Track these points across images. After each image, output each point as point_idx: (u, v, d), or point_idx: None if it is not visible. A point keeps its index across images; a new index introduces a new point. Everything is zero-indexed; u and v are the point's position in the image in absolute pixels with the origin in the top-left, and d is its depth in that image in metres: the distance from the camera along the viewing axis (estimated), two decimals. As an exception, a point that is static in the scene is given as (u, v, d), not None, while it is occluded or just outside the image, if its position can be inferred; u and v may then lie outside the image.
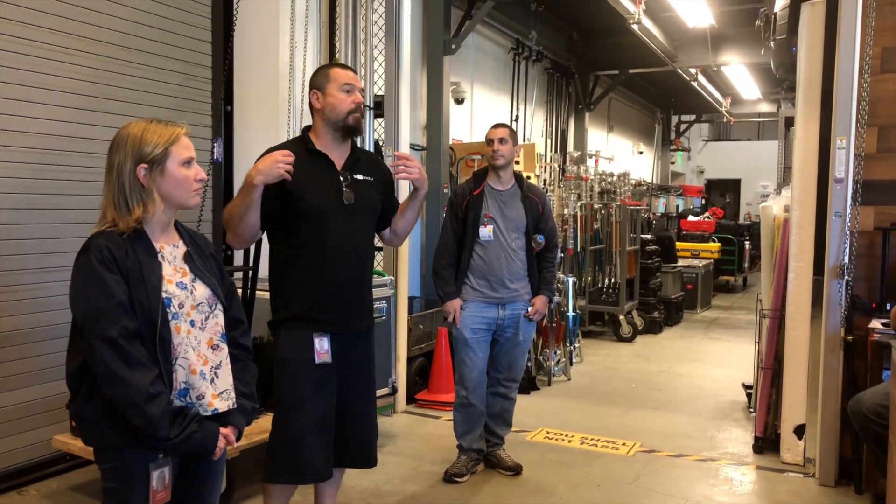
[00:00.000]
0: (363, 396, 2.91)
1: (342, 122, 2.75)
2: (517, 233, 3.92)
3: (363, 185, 2.86)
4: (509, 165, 3.96)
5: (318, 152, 2.78)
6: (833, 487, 3.86)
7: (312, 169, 2.74)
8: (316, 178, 2.73)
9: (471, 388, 3.92)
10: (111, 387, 1.78)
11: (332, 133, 2.79)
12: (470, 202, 3.91)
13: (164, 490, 1.91)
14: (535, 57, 9.05)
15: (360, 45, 5.26)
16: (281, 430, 2.74)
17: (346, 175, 2.81)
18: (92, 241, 1.87)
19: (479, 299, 3.90)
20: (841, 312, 3.85)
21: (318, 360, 2.71)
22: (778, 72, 8.31)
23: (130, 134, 1.92)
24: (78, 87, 3.92)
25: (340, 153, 2.83)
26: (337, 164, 2.81)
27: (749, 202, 19.11)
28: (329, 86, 2.76)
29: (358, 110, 2.77)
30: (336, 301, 2.76)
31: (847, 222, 3.84)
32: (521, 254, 3.93)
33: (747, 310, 10.51)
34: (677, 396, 5.80)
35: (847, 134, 3.82)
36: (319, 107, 2.78)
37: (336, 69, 2.81)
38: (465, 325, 3.90)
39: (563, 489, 3.83)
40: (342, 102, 2.74)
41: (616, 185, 8.89)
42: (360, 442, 2.89)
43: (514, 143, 3.95)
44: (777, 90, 13.35)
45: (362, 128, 2.84)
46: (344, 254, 2.77)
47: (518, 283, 3.92)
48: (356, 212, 2.81)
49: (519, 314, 3.94)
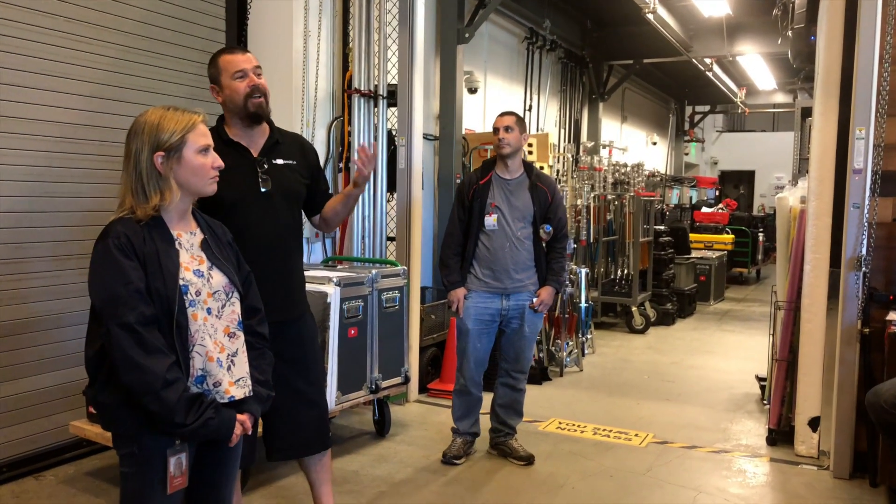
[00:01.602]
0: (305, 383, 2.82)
1: (244, 111, 2.68)
2: (523, 222, 3.89)
3: (283, 170, 2.78)
4: (516, 154, 3.93)
5: (232, 142, 2.72)
6: (847, 480, 3.84)
7: (226, 160, 2.52)
8: (232, 170, 2.54)
9: (468, 376, 3.96)
10: (128, 373, 1.79)
11: (241, 122, 2.72)
12: (476, 191, 3.90)
13: (181, 476, 1.93)
14: (548, 46, 9.00)
15: (373, 34, 5.25)
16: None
17: (263, 161, 2.73)
18: (110, 227, 1.88)
19: (483, 289, 3.89)
20: (858, 304, 3.82)
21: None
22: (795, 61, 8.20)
23: (147, 121, 1.93)
24: (94, 75, 3.93)
25: (255, 140, 2.76)
26: (253, 152, 2.74)
27: (763, 194, 18.96)
28: (222, 77, 2.69)
29: (256, 92, 2.67)
30: (277, 291, 2.68)
31: (865, 213, 3.80)
32: (528, 243, 3.91)
33: (761, 302, 10.46)
34: (690, 388, 5.78)
35: (866, 124, 3.77)
36: (220, 100, 2.72)
37: (224, 57, 2.72)
38: (468, 316, 3.91)
39: (575, 479, 3.83)
40: (236, 91, 2.66)
41: (629, 176, 8.85)
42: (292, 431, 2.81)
43: (521, 132, 3.91)
44: (794, 80, 13.21)
45: (266, 111, 2.74)
46: (265, 243, 2.70)
47: (523, 273, 3.91)
48: (275, 198, 2.74)
49: (524, 305, 3.93)
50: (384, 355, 4.25)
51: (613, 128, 12.52)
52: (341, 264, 4.99)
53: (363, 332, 4.10)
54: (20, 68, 3.59)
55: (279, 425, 2.81)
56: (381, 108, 5.31)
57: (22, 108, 3.62)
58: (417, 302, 5.14)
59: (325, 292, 3.84)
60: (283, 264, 2.80)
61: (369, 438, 4.40)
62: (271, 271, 2.71)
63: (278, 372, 2.61)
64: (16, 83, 3.58)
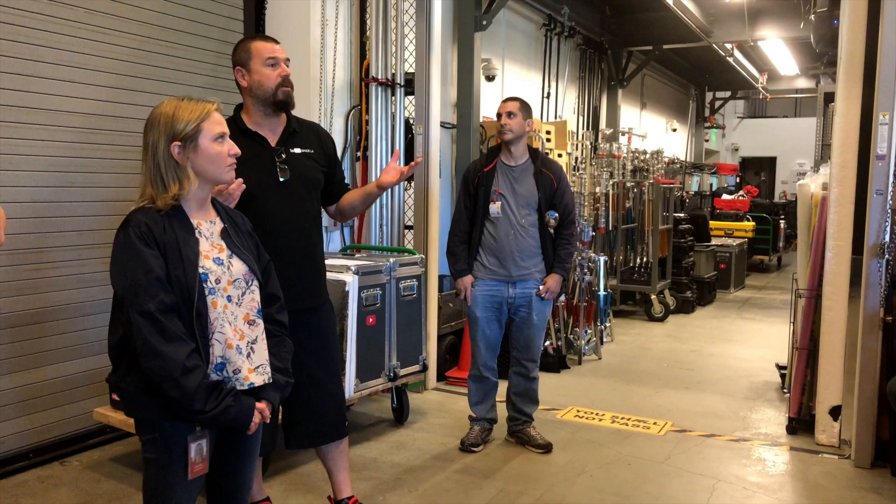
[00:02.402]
0: (322, 370, 2.85)
1: (272, 98, 2.69)
2: (528, 209, 3.87)
3: (301, 159, 2.78)
4: (520, 140, 3.90)
5: (250, 131, 2.72)
6: (868, 469, 3.81)
7: (244, 150, 2.57)
8: (250, 160, 2.60)
9: (481, 362, 4.00)
10: (149, 360, 1.82)
11: (263, 109, 2.72)
12: (481, 178, 3.89)
13: (202, 462, 1.96)
14: (567, 33, 8.92)
15: (390, 23, 5.24)
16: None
17: (280, 150, 2.74)
18: (131, 216, 1.91)
19: (490, 277, 3.90)
20: (880, 292, 3.77)
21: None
22: (818, 46, 8.08)
23: (163, 113, 1.95)
24: (113, 66, 3.97)
25: (273, 128, 2.76)
26: (270, 141, 2.75)
27: (784, 180, 18.73)
28: (252, 62, 2.69)
29: (286, 83, 2.70)
30: (292, 279, 2.68)
31: (889, 200, 3.74)
32: (532, 231, 3.89)
33: (781, 289, 10.36)
34: (709, 376, 5.75)
35: (890, 109, 3.72)
36: (246, 84, 2.72)
37: (257, 43, 2.73)
38: (475, 304, 3.92)
39: (593, 467, 3.84)
40: (268, 78, 2.68)
41: (649, 163, 8.78)
42: (320, 419, 2.85)
43: (525, 117, 3.88)
44: (816, 65, 13.00)
45: (293, 100, 2.76)
46: (285, 233, 2.72)
47: (529, 261, 3.89)
48: (294, 187, 2.75)
49: (531, 293, 3.92)
50: (402, 343, 4.27)
51: (633, 114, 12.41)
52: (359, 253, 5.01)
53: (381, 320, 4.12)
54: (40, 59, 3.63)
55: (298, 414, 2.84)
56: (399, 97, 5.31)
57: (41, 99, 3.66)
58: (435, 290, 5.16)
59: (344, 281, 3.86)
60: (304, 253, 2.82)
61: (387, 426, 4.43)
62: (293, 260, 2.74)
63: (299, 360, 2.65)
64: (35, 74, 3.62)
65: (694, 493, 3.55)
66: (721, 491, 3.57)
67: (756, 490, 3.59)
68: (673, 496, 3.51)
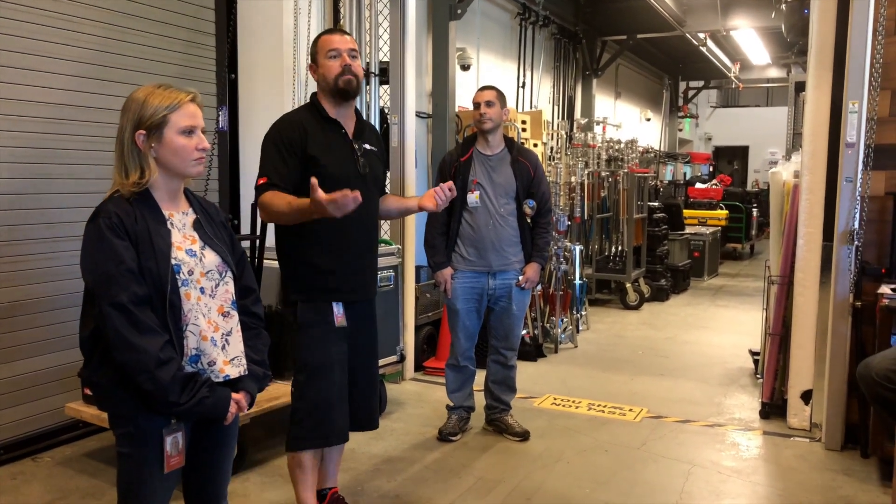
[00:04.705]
0: (372, 362, 3.00)
1: (334, 87, 2.76)
2: (506, 198, 3.87)
3: (371, 155, 2.87)
4: (497, 129, 3.90)
5: (333, 120, 2.79)
6: (839, 452, 3.89)
7: (330, 137, 2.76)
8: (335, 147, 2.75)
9: (460, 352, 4.01)
10: (122, 352, 1.79)
11: (333, 100, 2.80)
12: (458, 168, 3.87)
13: (178, 455, 1.93)
14: (541, 22, 8.92)
15: (364, 11, 5.20)
16: (308, 396, 2.77)
17: (359, 144, 2.82)
18: (101, 207, 1.88)
19: (469, 269, 3.89)
20: (850, 278, 3.84)
21: (336, 323, 2.77)
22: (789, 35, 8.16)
23: (135, 98, 1.92)
24: (81, 55, 3.89)
25: (346, 121, 2.83)
26: (348, 132, 2.82)
27: (757, 169, 18.95)
28: (319, 56, 2.80)
29: (346, 72, 2.75)
30: (356, 271, 2.83)
31: (858, 187, 3.80)
32: (512, 220, 3.89)
33: (754, 277, 10.51)
34: (684, 363, 5.82)
35: (859, 97, 3.76)
36: (316, 78, 2.83)
37: (324, 37, 2.83)
38: (455, 296, 3.91)
39: (570, 454, 3.87)
40: (330, 69, 2.76)
41: (623, 153, 8.83)
42: (367, 406, 2.96)
43: (502, 106, 3.89)
44: (787, 54, 13.14)
45: (356, 89, 2.80)
46: (362, 224, 2.81)
47: (508, 250, 3.90)
48: (368, 181, 2.82)
49: (511, 284, 3.93)
50: (379, 334, 4.24)
51: (607, 104, 12.47)
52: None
53: (358, 310, 4.09)
54: (5, 48, 3.54)
55: (360, 400, 2.92)
56: (374, 86, 5.28)
57: (7, 89, 3.58)
58: (412, 280, 5.15)
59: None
60: (372, 245, 2.94)
61: (365, 416, 4.42)
62: (364, 251, 2.87)
63: (361, 347, 2.88)
64: (1, 63, 3.53)
65: (670, 478, 3.59)
66: (696, 476, 3.62)
67: (730, 474, 3.65)
68: (649, 481, 3.55)
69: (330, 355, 2.76)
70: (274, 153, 2.70)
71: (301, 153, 2.69)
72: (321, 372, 2.76)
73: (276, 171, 2.67)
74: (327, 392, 2.76)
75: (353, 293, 2.83)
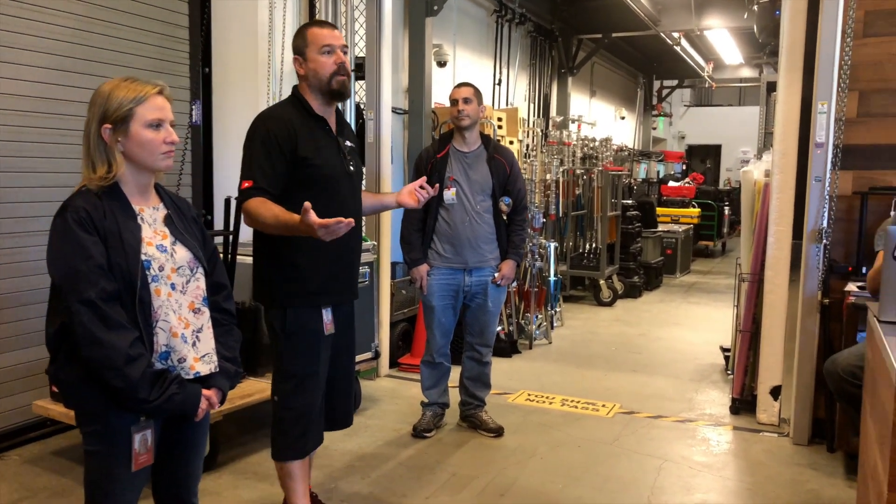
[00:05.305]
0: (350, 362, 2.96)
1: (327, 87, 2.64)
2: (483, 195, 3.88)
3: (353, 152, 2.81)
4: (474, 126, 3.90)
5: (320, 117, 2.68)
6: (806, 446, 3.96)
7: (318, 135, 2.65)
8: (323, 145, 2.65)
9: (436, 349, 4.01)
10: (90, 349, 1.76)
11: (321, 98, 2.67)
12: (434, 165, 3.87)
13: (146, 453, 1.91)
14: (518, 20, 8.94)
15: (340, 6, 5.16)
16: (295, 406, 2.71)
17: (342, 141, 2.74)
18: (69, 202, 1.84)
19: (446, 265, 3.89)
20: (818, 276, 3.90)
21: (325, 331, 2.71)
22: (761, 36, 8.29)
23: (101, 92, 1.89)
24: (52, 47, 3.82)
25: (329, 118, 2.74)
26: (333, 129, 2.74)
27: (729, 168, 19.18)
28: (308, 50, 2.64)
29: (341, 72, 2.63)
30: (345, 273, 2.78)
31: (826, 187, 3.87)
32: (488, 217, 3.90)
33: (726, 274, 10.63)
34: (656, 359, 5.88)
35: (828, 98, 3.82)
36: (303, 73, 2.66)
37: (313, 29, 2.67)
38: (431, 293, 3.91)
39: (544, 450, 3.89)
40: (323, 66, 2.62)
41: (598, 151, 8.88)
42: (344, 406, 2.94)
43: (479, 103, 3.89)
44: (759, 55, 13.33)
45: (349, 90, 2.72)
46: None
47: (485, 247, 3.90)
48: (355, 178, 2.77)
49: (487, 281, 3.94)
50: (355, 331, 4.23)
51: (582, 102, 12.54)
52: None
53: (332, 307, 4.08)
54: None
55: (338, 400, 2.89)
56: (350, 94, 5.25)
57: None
58: (388, 277, 5.14)
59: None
60: (358, 245, 2.88)
61: (340, 413, 4.40)
62: (350, 251, 2.80)
63: (343, 349, 2.83)
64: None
65: (642, 473, 3.63)
66: (667, 471, 3.66)
67: (701, 469, 3.69)
68: (621, 476, 3.58)
69: (318, 364, 2.70)
70: (261, 153, 2.54)
71: (291, 153, 2.54)
72: (309, 381, 2.69)
73: (263, 173, 2.51)
74: (313, 400, 2.72)
75: (340, 295, 2.77)
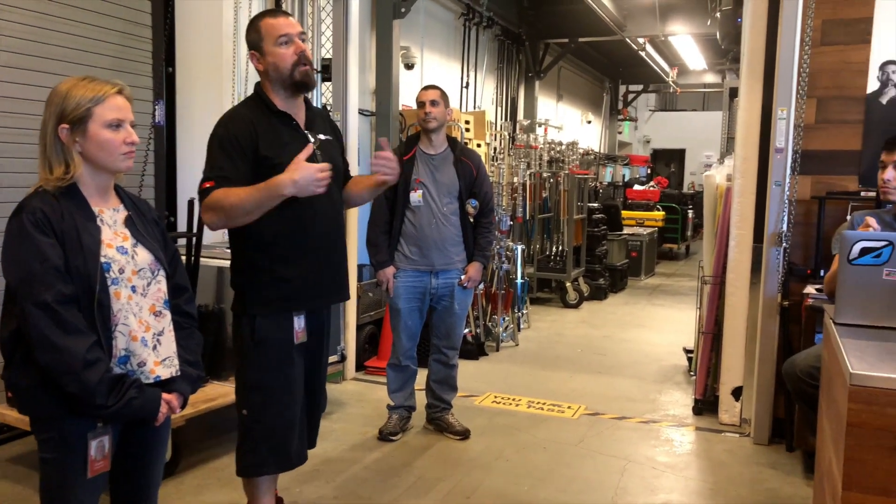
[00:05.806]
0: (323, 371, 2.79)
1: (290, 80, 2.47)
2: (449, 197, 3.88)
3: (327, 145, 2.61)
4: (441, 128, 3.91)
5: (283, 113, 2.52)
6: (766, 446, 4.03)
7: (281, 132, 2.49)
8: (288, 143, 2.46)
9: (402, 352, 4.00)
10: (46, 353, 1.72)
11: (284, 92, 2.51)
12: (401, 167, 3.85)
13: (103, 459, 1.87)
14: (485, 23, 8.98)
15: (307, 7, 5.13)
16: (265, 420, 2.53)
17: (313, 136, 2.56)
18: (25, 202, 1.80)
19: (412, 268, 3.88)
20: (778, 279, 3.98)
21: (297, 340, 2.54)
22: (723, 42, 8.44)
23: (58, 91, 1.85)
24: (8, 44, 3.72)
25: (297, 112, 2.57)
26: (300, 124, 2.57)
27: (693, 172, 19.49)
28: (264, 43, 2.47)
29: (302, 61, 2.46)
30: (320, 279, 2.57)
31: (786, 191, 3.95)
32: (454, 219, 3.90)
33: (689, 276, 10.79)
34: (621, 361, 5.94)
35: (788, 105, 3.91)
36: (262, 68, 2.51)
37: (267, 20, 2.49)
38: (398, 295, 3.90)
39: (510, 452, 3.90)
40: (283, 58, 2.44)
41: (564, 154, 8.95)
42: (314, 418, 2.78)
43: (446, 106, 3.90)
44: (722, 61, 13.56)
45: (313, 80, 2.55)
46: (327, 223, 2.57)
47: (451, 249, 3.90)
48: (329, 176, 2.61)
49: (453, 283, 3.94)
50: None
51: (549, 106, 12.63)
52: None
53: (298, 310, 4.04)
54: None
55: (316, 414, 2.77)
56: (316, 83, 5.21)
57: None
58: (354, 279, 5.11)
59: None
60: (340, 245, 2.68)
61: (305, 417, 4.37)
62: (332, 252, 2.61)
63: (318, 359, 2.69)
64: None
65: (606, 473, 3.66)
66: (631, 472, 3.70)
67: (664, 469, 3.74)
68: (586, 477, 3.61)
69: (292, 374, 2.53)
70: (220, 155, 2.40)
71: (252, 153, 2.40)
72: (281, 393, 2.52)
73: (225, 175, 2.37)
74: (289, 414, 2.54)
75: (314, 300, 2.58)
